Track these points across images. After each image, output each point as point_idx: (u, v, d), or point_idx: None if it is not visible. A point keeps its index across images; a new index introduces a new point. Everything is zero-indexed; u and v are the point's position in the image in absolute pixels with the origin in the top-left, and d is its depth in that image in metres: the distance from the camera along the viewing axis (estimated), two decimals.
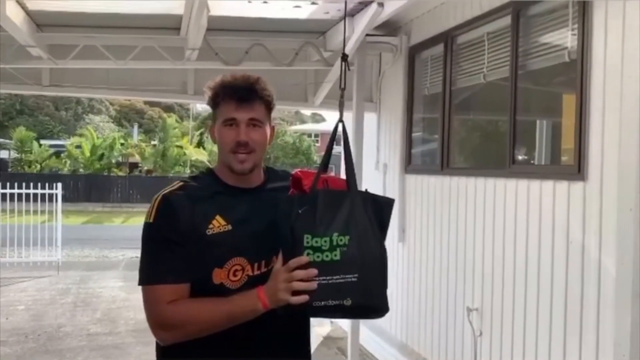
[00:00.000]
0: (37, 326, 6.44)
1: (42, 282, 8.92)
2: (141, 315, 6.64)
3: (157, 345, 1.66)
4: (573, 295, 3.05)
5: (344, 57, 1.87)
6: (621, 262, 2.30)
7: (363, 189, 1.61)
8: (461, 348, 4.12)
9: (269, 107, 1.65)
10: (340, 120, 1.70)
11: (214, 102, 1.64)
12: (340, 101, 1.79)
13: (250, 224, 1.58)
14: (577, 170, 3.02)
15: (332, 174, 1.77)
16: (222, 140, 1.62)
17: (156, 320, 1.57)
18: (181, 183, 1.64)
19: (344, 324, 5.55)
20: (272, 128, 1.69)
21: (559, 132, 3.63)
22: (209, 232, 1.55)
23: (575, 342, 3.02)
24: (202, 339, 1.55)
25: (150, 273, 1.56)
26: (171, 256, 1.54)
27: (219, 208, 1.58)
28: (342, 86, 1.80)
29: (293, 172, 1.65)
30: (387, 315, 1.61)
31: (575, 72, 3.05)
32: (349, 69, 1.86)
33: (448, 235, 4.37)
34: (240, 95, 1.59)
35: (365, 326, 5.28)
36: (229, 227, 1.56)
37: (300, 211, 1.50)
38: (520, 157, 3.80)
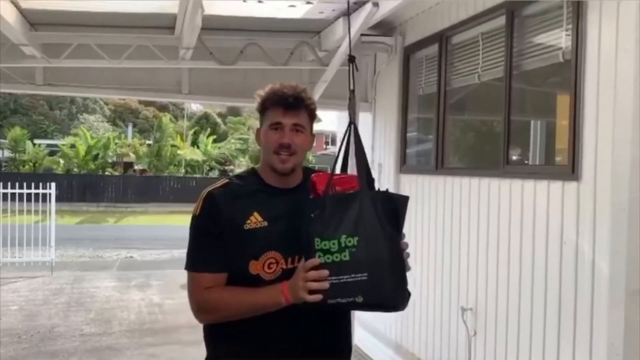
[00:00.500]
0: (30, 327, 6.41)
1: (35, 282, 8.88)
2: (135, 316, 6.64)
3: (205, 338, 1.82)
4: (567, 295, 3.06)
5: (351, 59, 1.88)
6: (615, 262, 2.30)
7: (385, 189, 1.68)
8: (455, 348, 4.12)
9: (312, 116, 1.80)
10: (352, 122, 1.76)
11: (263, 107, 1.78)
12: (349, 103, 1.83)
13: (285, 222, 1.71)
14: (571, 171, 3.02)
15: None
16: (267, 142, 1.76)
17: (196, 303, 1.75)
18: (226, 180, 1.81)
19: None
20: (313, 136, 1.83)
21: (553, 133, 3.64)
22: (246, 226, 1.70)
23: (569, 341, 3.03)
24: (248, 333, 1.71)
25: (194, 261, 1.75)
26: (212, 247, 1.72)
27: (257, 205, 1.73)
28: (352, 87, 1.83)
29: (311, 177, 1.73)
30: (382, 315, 1.63)
31: (570, 72, 3.06)
32: (357, 70, 1.89)
33: (442, 235, 4.37)
34: (287, 102, 1.73)
35: (361, 326, 5.29)
36: (265, 223, 1.71)
37: (312, 215, 1.61)
38: (514, 157, 3.81)
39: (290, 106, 1.72)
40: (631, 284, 2.24)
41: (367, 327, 5.43)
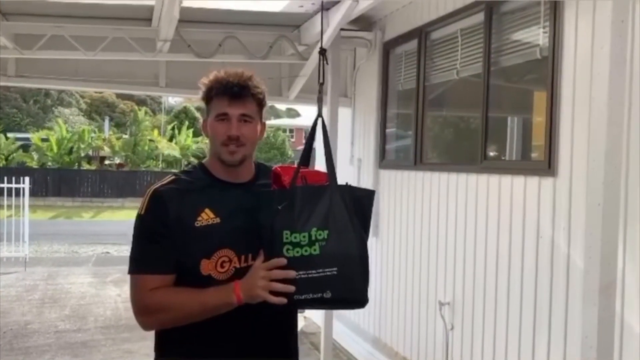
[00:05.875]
0: (2, 323, 6.28)
1: (8, 278, 8.70)
2: (111, 311, 6.50)
3: (155, 340, 1.72)
4: (542, 289, 3.11)
5: (322, 52, 1.86)
6: (589, 256, 2.34)
7: (345, 183, 1.64)
8: (433, 342, 4.16)
9: (260, 104, 1.69)
10: (320, 115, 1.73)
11: (208, 97, 1.68)
12: (318, 97, 1.82)
13: (239, 218, 1.62)
14: (548, 166, 3.07)
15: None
16: (214, 134, 1.66)
17: (137, 306, 1.63)
18: (173, 177, 1.70)
19: (317, 319, 5.55)
20: (263, 124, 1.73)
21: (530, 129, 3.68)
22: (197, 224, 1.60)
23: (544, 334, 3.08)
24: (196, 334, 1.61)
25: (137, 263, 1.63)
26: (158, 248, 1.60)
27: (208, 201, 1.63)
28: (321, 81, 1.81)
29: (273, 168, 1.67)
30: (360, 309, 1.62)
31: (547, 69, 3.10)
32: (327, 63, 1.87)
33: (421, 230, 4.40)
34: (233, 92, 1.63)
35: (339, 321, 5.30)
36: (218, 219, 1.61)
37: (279, 207, 1.53)
38: (492, 153, 3.85)
39: (235, 96, 1.62)
40: (605, 278, 2.28)
41: (345, 322, 5.45)
